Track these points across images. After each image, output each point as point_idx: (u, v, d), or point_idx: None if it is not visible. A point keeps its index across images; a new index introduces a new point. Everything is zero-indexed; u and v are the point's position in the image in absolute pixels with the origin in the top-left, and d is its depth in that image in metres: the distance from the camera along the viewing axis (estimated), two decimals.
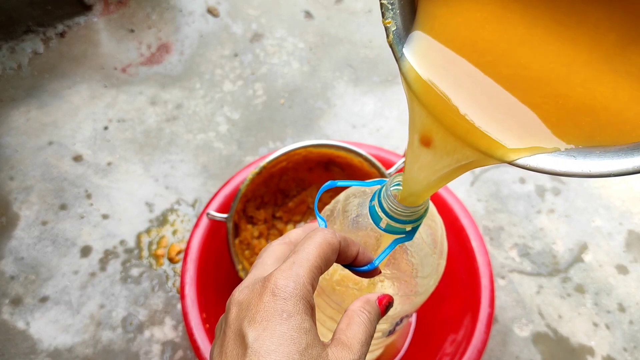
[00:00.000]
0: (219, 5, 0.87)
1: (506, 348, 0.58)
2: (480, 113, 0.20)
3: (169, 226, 0.65)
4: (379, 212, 0.28)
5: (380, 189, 0.29)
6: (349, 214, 0.32)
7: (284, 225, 0.57)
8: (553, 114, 0.19)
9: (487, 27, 0.20)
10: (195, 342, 0.44)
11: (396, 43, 0.22)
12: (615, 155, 0.19)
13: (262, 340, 0.20)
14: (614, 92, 0.19)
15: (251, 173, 0.50)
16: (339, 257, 0.26)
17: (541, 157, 0.20)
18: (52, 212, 0.65)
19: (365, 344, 0.23)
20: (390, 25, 0.22)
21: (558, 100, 0.19)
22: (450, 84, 0.21)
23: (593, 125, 0.19)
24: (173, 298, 0.60)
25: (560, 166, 0.19)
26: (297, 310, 0.21)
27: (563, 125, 0.19)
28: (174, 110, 0.75)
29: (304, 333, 0.21)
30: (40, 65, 0.78)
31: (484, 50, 0.20)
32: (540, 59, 0.20)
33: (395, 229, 0.28)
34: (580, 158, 0.19)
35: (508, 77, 0.20)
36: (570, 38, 0.19)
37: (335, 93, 0.78)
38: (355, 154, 0.51)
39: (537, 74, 0.20)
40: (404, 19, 0.22)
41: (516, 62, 0.20)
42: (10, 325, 0.57)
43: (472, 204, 0.67)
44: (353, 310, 0.25)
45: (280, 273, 0.22)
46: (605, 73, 0.19)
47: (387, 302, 0.26)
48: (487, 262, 0.50)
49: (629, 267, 0.63)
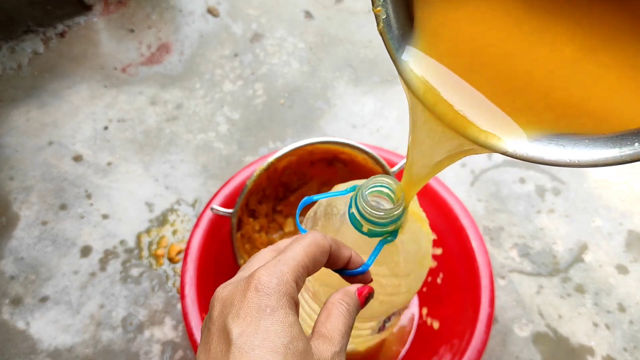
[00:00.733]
0: (219, 5, 0.87)
1: (506, 348, 0.58)
2: (465, 104, 0.22)
3: (169, 226, 0.65)
4: (359, 218, 0.28)
5: (355, 195, 0.28)
6: (330, 216, 0.32)
7: (284, 219, 0.58)
8: (533, 103, 0.21)
9: (481, 27, 0.21)
10: (195, 342, 0.44)
11: (387, 31, 0.22)
12: (603, 144, 0.19)
13: (247, 336, 0.20)
14: (596, 84, 0.20)
15: (259, 169, 0.50)
16: (331, 261, 0.26)
17: (530, 145, 0.20)
18: (52, 212, 0.65)
19: (346, 335, 0.24)
20: (380, 13, 0.22)
21: (541, 92, 0.20)
22: (442, 79, 0.22)
23: (575, 114, 0.20)
24: (173, 298, 0.60)
25: (549, 154, 0.20)
26: (280, 305, 0.21)
27: (545, 114, 0.21)
28: (174, 110, 0.75)
29: (288, 327, 0.21)
30: (40, 65, 0.78)
31: (476, 48, 0.22)
32: (527, 56, 0.21)
33: (378, 231, 0.28)
34: (569, 147, 0.20)
35: (495, 73, 0.21)
36: (556, 35, 0.20)
37: (335, 93, 0.78)
38: (360, 151, 0.52)
39: (523, 68, 0.21)
40: (396, 8, 0.22)
41: (505, 58, 0.21)
42: (10, 325, 0.57)
43: (472, 204, 0.67)
44: (332, 302, 0.25)
45: (264, 270, 0.22)
46: (586, 65, 0.20)
47: (368, 293, 0.26)
48: (487, 262, 0.50)
49: (629, 267, 0.63)
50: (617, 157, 0.19)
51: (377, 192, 0.29)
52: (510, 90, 0.21)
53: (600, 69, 0.19)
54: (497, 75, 0.21)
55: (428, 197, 0.54)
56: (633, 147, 0.18)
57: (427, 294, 0.56)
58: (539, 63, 0.21)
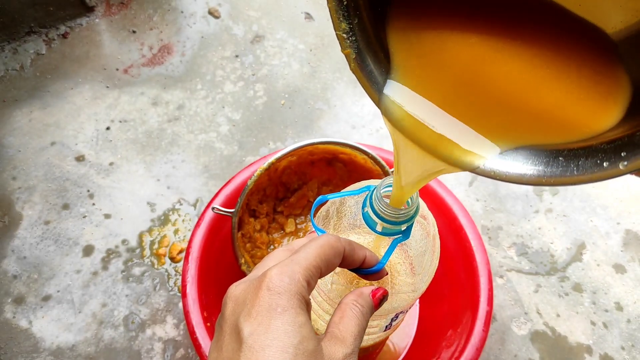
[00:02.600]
0: (220, 6, 0.88)
1: (504, 346, 0.58)
2: (443, 126, 0.23)
3: (171, 225, 0.65)
4: (373, 217, 0.29)
5: (370, 194, 0.29)
6: (343, 215, 0.33)
7: (285, 219, 0.58)
8: (505, 121, 0.22)
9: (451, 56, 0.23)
10: (197, 341, 0.45)
11: (360, 69, 0.23)
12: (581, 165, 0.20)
13: (257, 335, 0.21)
14: (552, 96, 0.21)
15: (259, 169, 0.50)
16: (346, 262, 0.26)
17: (504, 162, 0.22)
18: (54, 211, 0.66)
19: (358, 337, 0.24)
20: (349, 54, 0.22)
21: (510, 109, 0.22)
22: (421, 109, 0.23)
23: (537, 126, 0.22)
24: (174, 297, 0.60)
25: (523, 170, 0.21)
26: (291, 305, 0.21)
27: (514, 129, 0.22)
28: (176, 111, 0.76)
29: (299, 327, 0.21)
30: (43, 66, 0.79)
31: (447, 77, 0.23)
32: (496, 76, 0.22)
33: (391, 230, 0.29)
34: (541, 166, 0.21)
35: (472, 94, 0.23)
36: (520, 58, 0.22)
37: (335, 94, 0.79)
38: (359, 151, 0.52)
39: (495, 90, 0.22)
40: (366, 42, 0.23)
41: (474, 84, 0.23)
42: (13, 324, 0.58)
43: (470, 204, 0.68)
44: (346, 304, 0.25)
45: (277, 269, 0.23)
46: (541, 83, 0.22)
47: (382, 295, 0.26)
48: (485, 261, 0.50)
49: (626, 266, 0.64)
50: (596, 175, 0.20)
51: (390, 193, 0.29)
52: (484, 111, 0.22)
53: (552, 85, 0.22)
54: (472, 98, 0.23)
55: (427, 197, 0.54)
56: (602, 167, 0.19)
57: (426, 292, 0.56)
58: (506, 85, 0.22)
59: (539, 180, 0.21)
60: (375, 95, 0.23)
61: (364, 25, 0.22)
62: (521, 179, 0.21)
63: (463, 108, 0.22)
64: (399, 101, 0.23)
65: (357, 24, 0.22)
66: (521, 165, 0.21)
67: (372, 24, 0.23)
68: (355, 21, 0.22)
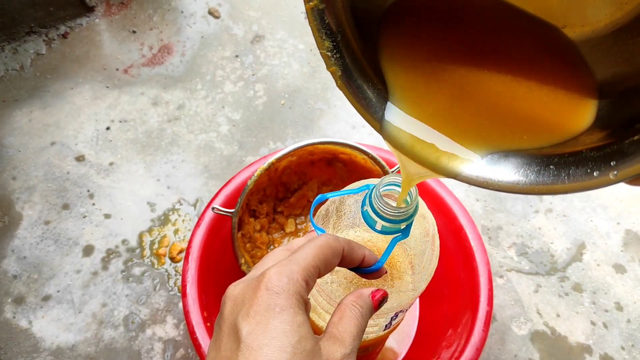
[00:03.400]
0: (220, 6, 0.88)
1: (504, 346, 0.58)
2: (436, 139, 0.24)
3: (171, 225, 0.65)
4: (373, 215, 0.29)
5: (369, 193, 0.29)
6: (342, 214, 0.33)
7: (285, 219, 0.58)
8: (495, 127, 0.23)
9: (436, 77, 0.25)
10: (197, 341, 0.45)
11: (346, 86, 0.24)
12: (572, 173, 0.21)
13: (255, 334, 0.21)
14: (531, 104, 0.23)
15: (259, 169, 0.50)
16: (345, 261, 0.26)
17: (489, 168, 0.23)
18: (54, 211, 0.66)
19: (357, 337, 0.24)
20: (335, 71, 0.22)
21: (495, 116, 0.24)
22: (415, 127, 0.25)
23: (520, 130, 0.23)
24: (174, 297, 0.60)
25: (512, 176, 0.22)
26: (289, 305, 0.21)
27: (502, 134, 0.24)
28: (176, 111, 0.76)
29: (297, 326, 0.21)
30: (43, 66, 0.79)
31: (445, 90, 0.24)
32: (479, 86, 0.24)
33: (391, 229, 0.29)
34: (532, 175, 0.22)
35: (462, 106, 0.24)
36: (502, 74, 0.24)
37: (335, 94, 0.79)
38: (359, 151, 0.52)
39: (480, 98, 0.24)
40: (352, 60, 0.23)
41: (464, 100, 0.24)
42: (13, 324, 0.58)
43: (470, 204, 0.68)
44: (345, 304, 0.25)
45: (275, 269, 0.23)
46: (524, 92, 0.23)
47: (381, 297, 0.26)
48: (485, 261, 0.50)
49: (626, 266, 0.64)
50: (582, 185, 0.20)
51: (389, 191, 0.29)
52: (473, 124, 0.24)
53: (532, 95, 0.23)
54: (461, 115, 0.24)
55: (427, 197, 0.54)
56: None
57: (426, 292, 0.56)
58: (491, 98, 0.24)
59: (531, 188, 0.21)
60: (364, 110, 0.24)
61: (348, 43, 0.23)
62: (514, 188, 0.22)
63: (452, 124, 0.24)
64: (392, 120, 0.24)
65: (341, 41, 0.22)
66: (513, 175, 0.22)
67: (358, 42, 0.23)
68: (339, 38, 0.22)
